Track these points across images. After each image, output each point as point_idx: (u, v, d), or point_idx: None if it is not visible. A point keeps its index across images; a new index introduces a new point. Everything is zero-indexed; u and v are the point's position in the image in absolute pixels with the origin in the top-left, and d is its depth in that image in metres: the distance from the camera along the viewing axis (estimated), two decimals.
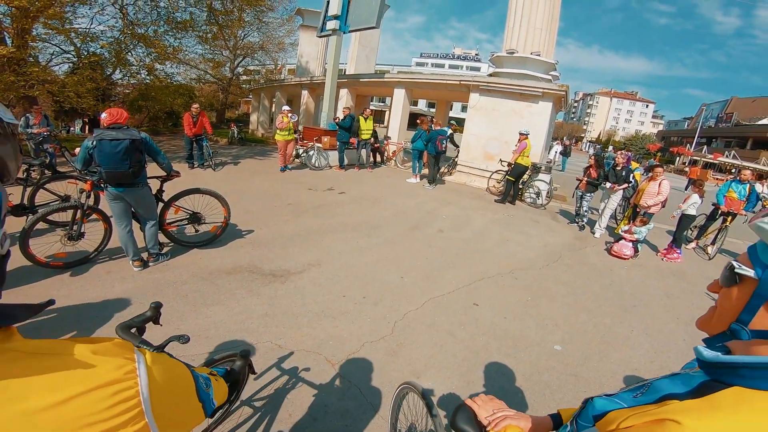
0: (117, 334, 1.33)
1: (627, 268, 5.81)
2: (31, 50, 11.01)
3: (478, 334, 3.43)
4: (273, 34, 25.15)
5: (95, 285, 3.57)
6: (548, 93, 9.99)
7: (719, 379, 0.63)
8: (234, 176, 9.19)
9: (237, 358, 1.43)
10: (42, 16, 9.76)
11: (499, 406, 1.10)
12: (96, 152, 3.48)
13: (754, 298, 0.63)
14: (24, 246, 3.48)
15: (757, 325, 0.63)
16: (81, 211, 3.87)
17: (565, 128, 74.92)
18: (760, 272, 0.63)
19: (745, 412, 0.56)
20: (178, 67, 17.41)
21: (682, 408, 0.60)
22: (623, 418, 0.66)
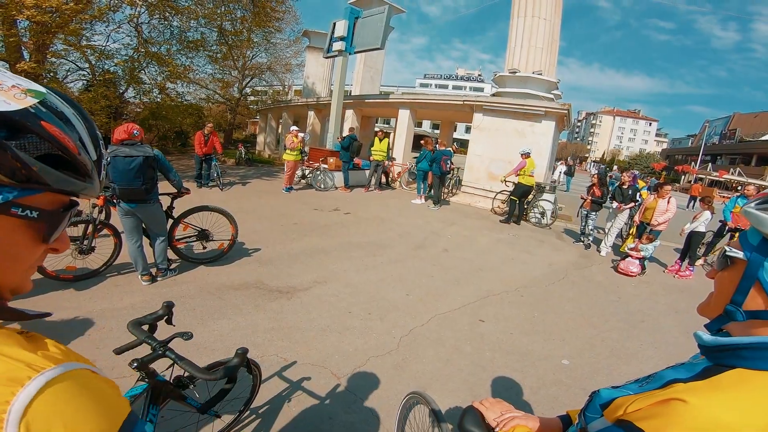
0: (128, 329, 1.40)
1: (634, 285, 5.77)
2: (49, 66, 11.34)
3: (484, 349, 3.41)
4: (280, 54, 25.90)
5: (104, 297, 3.63)
6: (550, 112, 10.11)
7: (721, 362, 0.65)
8: (241, 196, 9.32)
9: (234, 356, 1.46)
10: (61, 32, 10.04)
11: (506, 408, 1.11)
12: (110, 168, 3.59)
13: (744, 279, 0.66)
14: None
15: (751, 306, 0.65)
16: (93, 225, 3.98)
17: (569, 148, 75.38)
18: (748, 254, 0.66)
19: (747, 389, 0.58)
20: (189, 86, 17.81)
21: (686, 388, 0.62)
22: (630, 402, 0.67)
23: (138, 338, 1.42)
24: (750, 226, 0.70)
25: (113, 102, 12.67)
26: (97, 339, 2.96)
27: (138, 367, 1.36)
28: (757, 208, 0.66)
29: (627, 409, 0.67)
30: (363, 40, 12.34)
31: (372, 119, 18.99)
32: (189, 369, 1.29)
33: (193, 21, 12.92)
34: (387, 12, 11.68)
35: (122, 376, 2.36)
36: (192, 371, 1.28)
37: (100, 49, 11.84)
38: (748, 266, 0.65)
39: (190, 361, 1.32)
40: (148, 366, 1.40)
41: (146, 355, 1.38)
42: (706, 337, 0.69)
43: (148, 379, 1.43)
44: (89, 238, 4.00)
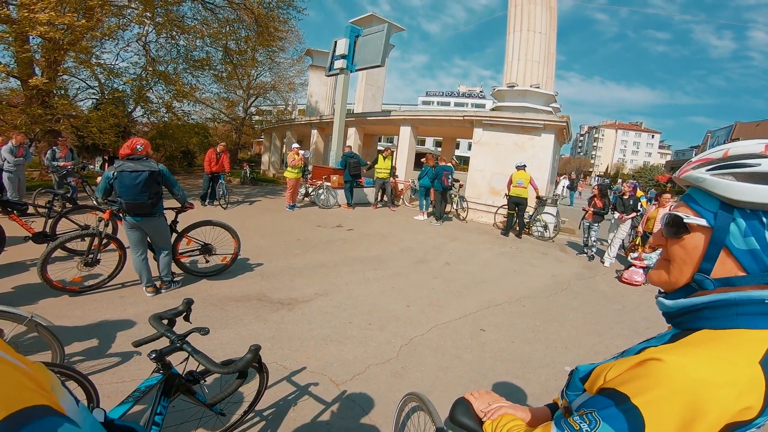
0: (149, 323, 1.47)
1: (639, 294, 5.73)
2: (60, 83, 11.64)
3: (485, 357, 3.40)
4: (284, 74, 26.60)
5: (108, 308, 3.70)
6: (549, 125, 10.18)
7: (688, 327, 0.67)
8: (245, 213, 9.43)
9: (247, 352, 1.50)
10: (72, 49, 10.31)
11: (495, 398, 1.12)
12: (116, 183, 3.70)
13: (710, 246, 0.65)
14: (42, 270, 3.66)
15: (719, 273, 0.65)
16: (99, 238, 4.08)
17: (572, 163, 75.46)
18: (711, 219, 0.66)
19: (715, 345, 0.61)
20: (195, 105, 18.18)
21: (658, 350, 0.64)
22: (608, 370, 0.69)
23: (158, 331, 1.49)
24: (693, 188, 0.72)
25: (121, 120, 12.91)
26: (101, 347, 3.00)
27: (156, 358, 1.41)
28: (710, 173, 0.67)
29: (606, 376, 0.68)
30: (364, 58, 12.58)
31: (374, 137, 19.20)
32: (204, 362, 1.34)
33: (198, 40, 13.30)
34: (386, 30, 11.94)
35: (122, 381, 2.40)
36: (207, 364, 1.33)
37: (109, 67, 12.13)
38: (715, 232, 0.65)
39: (205, 354, 1.36)
40: (165, 357, 1.45)
41: (165, 347, 1.44)
42: (668, 302, 0.71)
43: (163, 370, 1.48)
44: (95, 251, 4.10)
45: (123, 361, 2.84)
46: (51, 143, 11.34)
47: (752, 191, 0.62)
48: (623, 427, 0.60)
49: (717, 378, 0.56)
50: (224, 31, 13.31)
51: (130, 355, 2.91)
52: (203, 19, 13.22)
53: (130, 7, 11.40)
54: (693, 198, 0.71)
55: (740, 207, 0.63)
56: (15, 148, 7.66)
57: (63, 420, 0.52)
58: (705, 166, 0.69)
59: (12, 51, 10.29)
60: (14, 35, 9.27)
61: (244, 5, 13.01)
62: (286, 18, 14.22)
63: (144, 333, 3.14)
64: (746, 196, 0.62)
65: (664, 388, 0.57)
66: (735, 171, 0.65)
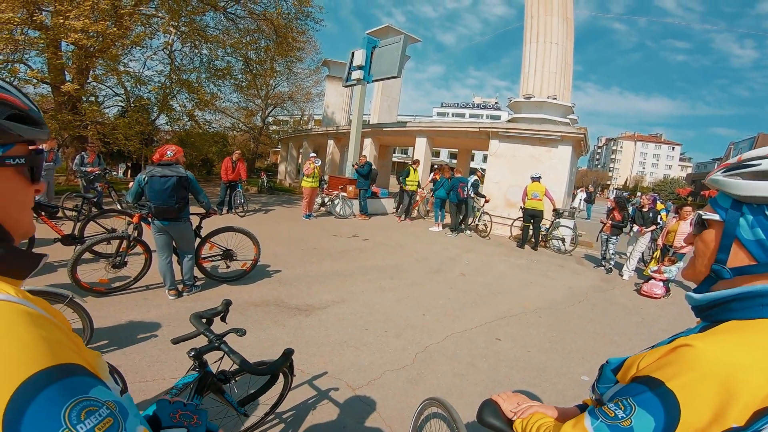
0: (190, 321, 1.54)
1: (658, 307, 5.63)
2: (91, 90, 12.06)
3: (500, 366, 3.40)
4: (301, 84, 27.12)
5: (132, 309, 3.84)
6: (567, 136, 10.11)
7: (716, 319, 0.70)
8: (263, 222, 9.61)
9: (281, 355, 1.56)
10: (102, 56, 10.69)
11: (524, 399, 1.14)
12: (147, 187, 3.88)
13: (724, 237, 0.72)
14: (72, 272, 3.84)
15: (734, 262, 0.71)
16: (127, 241, 4.26)
17: (589, 176, 74.36)
18: (723, 214, 0.73)
19: (745, 332, 0.64)
20: (215, 114, 18.60)
21: (689, 338, 0.67)
22: (641, 359, 0.73)
23: (197, 329, 1.54)
24: (718, 192, 0.78)
25: (146, 128, 13.25)
26: (125, 346, 3.12)
27: (195, 356, 1.46)
28: (725, 175, 0.75)
29: (639, 365, 0.72)
30: (380, 69, 12.75)
31: (390, 148, 19.29)
32: (239, 361, 1.38)
33: (220, 49, 13.70)
34: (403, 41, 12.08)
35: (144, 380, 2.49)
36: (242, 364, 1.37)
37: (136, 76, 12.51)
38: (726, 225, 0.72)
39: (240, 355, 1.41)
40: (202, 356, 1.50)
41: (203, 346, 1.49)
42: (697, 296, 0.74)
43: (200, 368, 1.53)
44: (122, 253, 4.28)
45: (145, 360, 2.94)
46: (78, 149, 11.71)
47: (755, 187, 0.69)
48: (659, 411, 0.62)
49: (747, 361, 0.59)
50: (245, 41, 13.69)
51: (152, 355, 3.01)
52: (225, 29, 13.64)
53: (157, 16, 11.85)
54: (715, 199, 0.78)
55: (748, 202, 0.70)
56: (45, 153, 7.97)
57: (98, 382, 0.53)
58: (722, 170, 0.77)
59: (44, 57, 10.68)
60: (47, 41, 9.63)
61: (264, 16, 13.39)
62: (304, 29, 14.57)
63: (167, 335, 3.26)
64: (751, 191, 0.69)
65: (697, 371, 0.60)
66: (742, 171, 0.72)
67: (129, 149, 13.21)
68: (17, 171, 0.61)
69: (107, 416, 0.50)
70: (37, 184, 0.67)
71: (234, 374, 1.72)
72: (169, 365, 2.87)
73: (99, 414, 0.49)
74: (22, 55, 10.34)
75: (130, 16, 10.58)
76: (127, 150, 13.48)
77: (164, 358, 2.96)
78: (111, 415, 0.50)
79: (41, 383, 0.45)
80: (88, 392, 0.49)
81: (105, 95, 13.72)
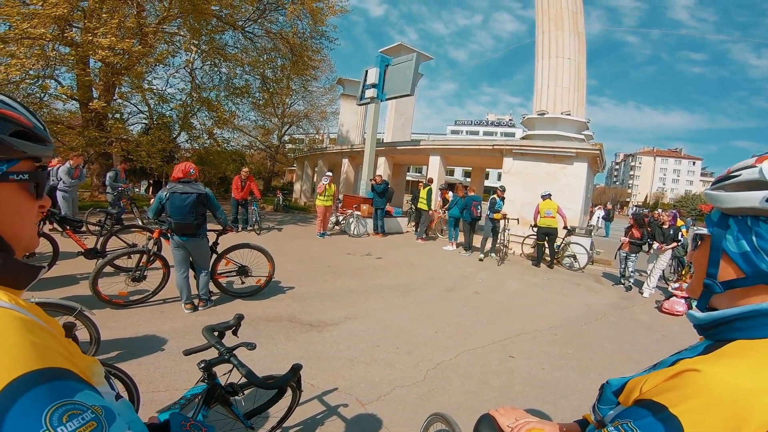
0: (202, 333, 1.58)
1: (680, 324, 5.45)
2: (116, 107, 12.46)
3: (513, 383, 3.34)
4: (316, 102, 27.73)
5: (149, 321, 3.95)
6: (582, 153, 9.96)
7: (721, 338, 0.67)
8: (277, 239, 9.73)
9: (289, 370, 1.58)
10: (127, 74, 11.08)
11: (522, 414, 1.12)
12: (168, 204, 4.04)
13: (712, 251, 0.71)
14: (94, 284, 4.00)
15: (724, 276, 0.69)
16: (147, 256, 4.42)
17: (608, 193, 73.04)
18: (711, 227, 0.73)
19: (753, 354, 0.61)
20: (233, 132, 19.00)
21: (695, 360, 0.64)
22: (643, 382, 0.69)
23: (209, 342, 1.58)
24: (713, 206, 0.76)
25: (167, 146, 13.63)
26: (140, 356, 3.20)
27: (204, 368, 1.50)
28: (712, 188, 0.74)
29: (642, 388, 0.68)
30: (393, 87, 12.87)
31: (404, 167, 19.34)
32: (247, 375, 1.40)
33: (239, 68, 14.18)
34: (415, 59, 12.22)
35: (157, 390, 2.54)
36: (250, 378, 1.40)
37: (159, 93, 12.92)
38: (713, 239, 0.71)
39: (249, 369, 1.43)
40: (212, 368, 1.53)
41: (213, 358, 1.52)
42: (699, 315, 0.71)
43: (208, 380, 1.56)
44: (142, 267, 4.43)
45: (159, 371, 3.00)
46: (105, 165, 12.07)
47: (735, 198, 0.68)
48: None
49: (758, 386, 0.56)
50: (262, 60, 14.17)
51: (166, 366, 3.08)
52: (243, 48, 14.17)
53: (179, 35, 12.39)
54: (709, 215, 0.77)
55: (733, 215, 0.69)
56: (71, 169, 8.24)
57: (85, 386, 0.53)
58: (711, 184, 0.76)
59: (74, 74, 11.16)
60: (77, 58, 10.06)
61: (280, 35, 13.88)
62: (319, 47, 14.97)
63: (181, 347, 3.31)
64: (732, 203, 0.68)
65: (705, 397, 0.57)
66: (726, 183, 0.72)
67: (151, 166, 13.54)
68: (21, 186, 0.63)
69: (91, 420, 0.50)
70: (41, 200, 0.69)
71: (242, 387, 1.74)
72: (182, 376, 2.93)
73: (82, 417, 0.49)
74: (53, 71, 10.72)
75: (154, 34, 11.09)
76: (149, 167, 13.83)
77: (177, 369, 3.03)
78: (95, 419, 0.50)
79: (26, 385, 0.46)
80: (73, 396, 0.50)
81: (129, 112, 14.14)
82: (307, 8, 12.98)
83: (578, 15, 11.36)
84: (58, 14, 8.59)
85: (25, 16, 8.63)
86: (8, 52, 8.78)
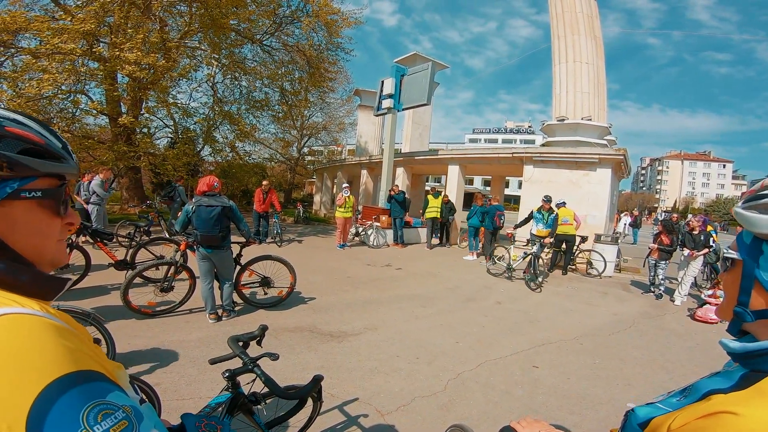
0: (227, 343, 1.62)
1: (715, 332, 5.21)
2: (144, 122, 12.84)
3: (537, 393, 3.26)
4: (334, 113, 28.05)
5: (175, 331, 4.07)
6: (605, 159, 9.71)
7: (758, 368, 0.61)
8: (298, 251, 9.84)
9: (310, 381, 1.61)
10: (153, 88, 11.41)
11: (545, 427, 1.08)
12: (194, 216, 4.19)
13: (744, 279, 0.65)
14: (124, 294, 4.17)
15: (756, 305, 0.64)
16: (175, 267, 4.57)
17: (634, 199, 70.85)
18: (744, 253, 0.66)
19: None
20: (254, 145, 19.32)
21: (732, 400, 0.58)
22: (672, 419, 0.64)
23: (234, 351, 1.61)
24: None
25: (192, 159, 13.95)
26: (166, 365, 3.29)
27: (229, 377, 1.53)
28: (743, 207, 0.67)
29: (671, 426, 0.63)
30: (410, 97, 12.86)
31: (422, 177, 19.23)
32: (270, 385, 1.43)
33: (258, 81, 14.53)
34: (431, 69, 12.22)
35: (181, 398, 2.60)
36: (272, 388, 1.42)
37: (183, 107, 13.24)
38: (745, 266, 0.65)
39: (272, 379, 1.46)
40: (236, 377, 1.55)
41: (237, 368, 1.55)
42: (733, 344, 0.66)
43: (232, 389, 1.58)
44: (170, 278, 4.59)
45: (184, 379, 3.07)
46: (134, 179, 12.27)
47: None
48: None
49: None
50: (280, 72, 14.48)
51: (191, 374, 3.15)
52: (262, 61, 14.55)
53: (201, 49, 12.81)
54: (740, 234, 0.70)
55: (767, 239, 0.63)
56: (103, 182, 8.58)
57: (116, 388, 0.55)
58: (743, 201, 0.69)
59: (102, 89, 11.57)
60: (105, 73, 10.44)
61: (297, 47, 14.21)
62: (335, 59, 15.24)
63: (205, 356, 3.40)
64: (766, 227, 0.62)
65: None
66: (759, 203, 0.65)
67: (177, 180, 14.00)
68: (39, 204, 0.63)
69: (123, 419, 0.52)
70: (67, 216, 0.69)
71: (264, 396, 1.77)
72: (205, 384, 2.99)
73: (115, 417, 0.51)
74: (84, 86, 11.10)
75: (176, 48, 11.50)
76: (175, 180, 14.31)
77: (201, 378, 3.09)
78: (126, 418, 0.53)
79: (63, 387, 0.48)
80: (105, 396, 0.52)
81: (156, 126, 14.57)
82: (321, 20, 13.23)
83: (594, 19, 11.20)
84: (86, 29, 8.86)
85: (55, 32, 8.86)
86: (41, 67, 9.04)
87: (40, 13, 10.08)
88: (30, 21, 8.89)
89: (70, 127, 11.29)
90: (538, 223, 8.50)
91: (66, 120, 11.06)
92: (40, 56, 9.13)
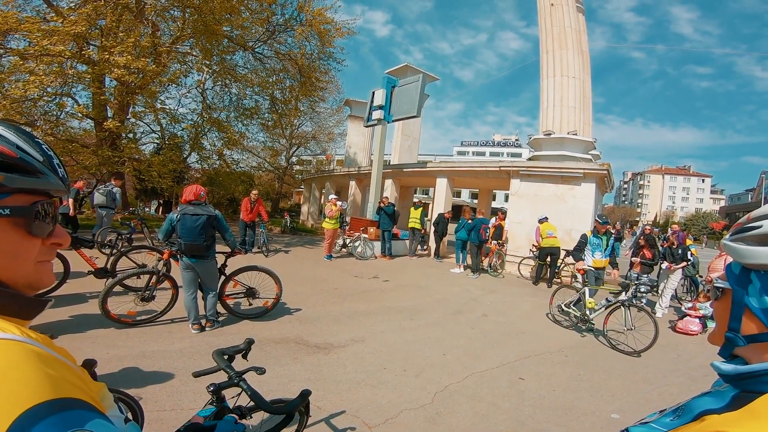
0: (212, 357, 1.59)
1: (696, 344, 5.36)
2: (130, 127, 12.59)
3: (523, 405, 3.27)
4: (324, 123, 28.00)
5: (156, 341, 3.98)
6: (590, 173, 9.88)
7: (748, 389, 0.63)
8: (285, 261, 9.73)
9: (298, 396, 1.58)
10: (141, 93, 11.25)
11: None
12: (179, 225, 4.13)
13: (734, 306, 0.69)
14: (103, 303, 4.06)
15: (747, 331, 0.67)
16: (156, 276, 4.47)
17: (617, 212, 72.27)
18: (733, 282, 0.70)
19: None
20: (242, 153, 19.17)
21: (725, 421, 0.59)
22: None
23: (219, 365, 1.59)
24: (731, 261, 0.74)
25: (178, 166, 13.71)
26: (146, 375, 3.21)
27: (214, 391, 1.50)
28: (731, 239, 0.71)
29: None
30: (400, 109, 12.92)
31: (410, 189, 19.27)
32: (256, 399, 1.41)
33: (248, 89, 14.45)
34: (421, 80, 12.29)
35: (162, 409, 2.54)
36: (259, 402, 1.41)
37: (171, 113, 13.03)
38: (734, 294, 0.69)
39: (258, 393, 1.45)
40: (221, 391, 1.53)
41: (223, 382, 1.52)
42: (725, 366, 0.68)
43: (217, 403, 1.55)
44: (151, 288, 4.48)
45: (165, 390, 3.00)
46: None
47: (757, 254, 0.65)
48: None
49: None
50: (271, 81, 14.45)
51: (173, 385, 3.08)
52: (253, 69, 14.51)
53: (192, 55, 12.71)
54: (729, 265, 0.74)
55: (755, 269, 0.66)
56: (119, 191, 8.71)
57: (95, 415, 0.53)
58: (731, 233, 0.73)
59: (89, 92, 11.35)
60: (93, 76, 10.22)
61: (289, 56, 14.20)
62: (327, 69, 15.26)
63: (188, 367, 3.34)
64: (754, 258, 0.66)
65: None
66: (745, 235, 0.69)
67: (162, 186, 13.67)
68: (9, 222, 0.58)
69: None
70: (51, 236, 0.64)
71: (250, 411, 1.74)
72: (188, 396, 2.92)
73: None
74: (70, 89, 10.92)
75: (167, 53, 11.39)
76: (160, 187, 13.95)
77: (183, 389, 3.02)
78: None
79: (40, 415, 0.46)
80: (83, 426, 0.50)
81: (142, 132, 14.36)
82: (315, 30, 13.28)
83: (581, 33, 11.46)
84: (77, 32, 8.75)
85: (46, 33, 8.70)
86: (27, 69, 8.87)
87: (32, 14, 9.92)
88: (21, 22, 8.74)
89: (54, 130, 11.01)
90: (596, 250, 6.53)
91: (50, 123, 10.81)
92: (28, 58, 8.97)
